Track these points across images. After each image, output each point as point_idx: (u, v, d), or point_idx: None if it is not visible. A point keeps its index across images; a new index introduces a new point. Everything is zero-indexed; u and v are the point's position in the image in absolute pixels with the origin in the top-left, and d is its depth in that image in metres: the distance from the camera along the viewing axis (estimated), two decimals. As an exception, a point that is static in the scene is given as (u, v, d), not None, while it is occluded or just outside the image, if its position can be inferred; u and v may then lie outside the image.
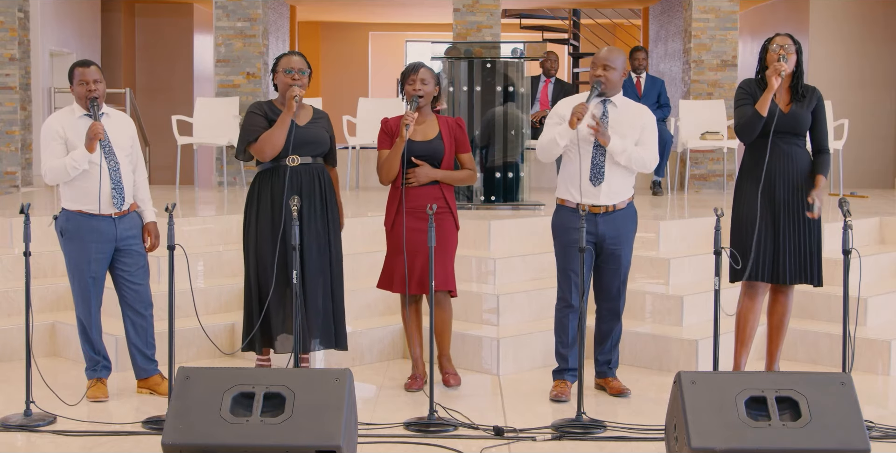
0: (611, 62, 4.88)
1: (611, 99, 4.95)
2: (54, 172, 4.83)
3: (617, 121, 4.92)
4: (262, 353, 5.22)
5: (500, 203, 7.73)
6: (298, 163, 5.05)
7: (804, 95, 4.95)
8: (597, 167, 4.87)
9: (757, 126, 4.87)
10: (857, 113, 11.18)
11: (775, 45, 4.90)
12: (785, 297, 5.10)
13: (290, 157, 5.04)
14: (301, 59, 5.13)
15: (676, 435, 3.81)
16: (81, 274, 4.89)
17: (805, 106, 4.94)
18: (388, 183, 5.17)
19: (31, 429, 4.44)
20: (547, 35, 15.99)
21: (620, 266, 4.99)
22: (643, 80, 9.51)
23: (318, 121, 5.18)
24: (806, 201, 4.91)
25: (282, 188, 5.01)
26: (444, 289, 5.13)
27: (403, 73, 5.18)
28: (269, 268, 5.01)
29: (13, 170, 9.79)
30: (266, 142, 4.99)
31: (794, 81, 4.95)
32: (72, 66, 4.96)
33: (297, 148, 5.04)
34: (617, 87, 4.95)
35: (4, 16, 9.73)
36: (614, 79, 4.90)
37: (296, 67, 5.05)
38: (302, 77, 5.07)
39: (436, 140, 5.13)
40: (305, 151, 5.07)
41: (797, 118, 4.91)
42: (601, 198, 4.90)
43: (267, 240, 5.04)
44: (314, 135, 5.10)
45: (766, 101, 4.84)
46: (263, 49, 10.46)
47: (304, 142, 5.06)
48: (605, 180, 4.87)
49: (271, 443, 3.67)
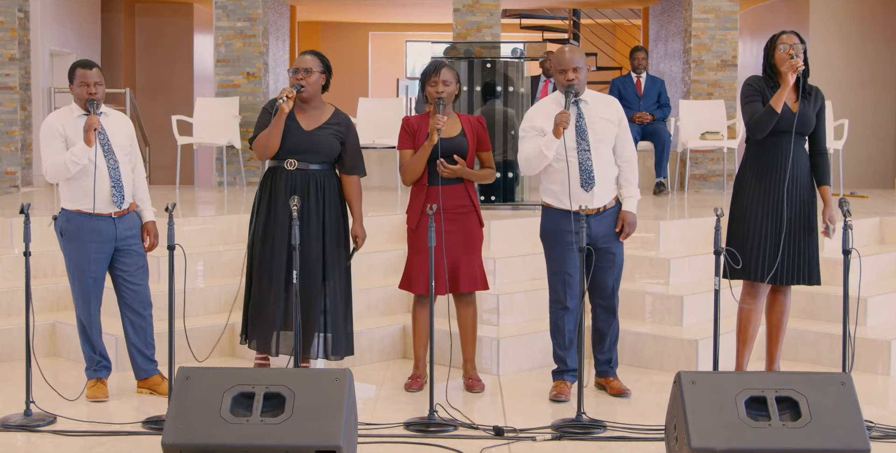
0: (578, 63, 4.82)
1: (581, 97, 4.92)
2: (55, 169, 4.82)
3: (592, 119, 4.88)
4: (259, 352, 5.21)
5: (499, 203, 7.73)
6: (296, 167, 5.00)
7: (810, 94, 4.94)
8: (586, 173, 4.84)
9: (771, 122, 4.84)
10: (857, 113, 11.18)
11: (784, 44, 4.88)
12: (783, 297, 5.10)
13: (288, 161, 5.01)
14: (312, 57, 5.02)
15: (676, 435, 3.81)
16: (81, 274, 4.89)
17: (811, 105, 4.93)
18: (410, 183, 5.14)
19: (31, 429, 4.44)
20: (547, 35, 15.99)
21: (615, 263, 5.00)
22: (643, 80, 9.51)
23: (332, 126, 5.06)
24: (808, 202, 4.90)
25: (277, 190, 5.01)
26: (472, 289, 5.14)
27: (424, 73, 5.13)
28: (256, 265, 5.04)
29: (13, 170, 9.79)
30: (257, 143, 4.97)
31: (800, 80, 4.94)
32: (73, 65, 4.95)
33: (295, 153, 4.98)
34: (584, 85, 4.91)
35: (4, 16, 9.73)
36: (583, 78, 4.86)
37: (301, 67, 4.99)
38: (306, 76, 4.98)
39: (459, 137, 5.12)
40: (305, 157, 4.99)
41: (806, 118, 4.89)
42: (594, 202, 4.88)
43: (259, 239, 5.06)
44: (314, 141, 5.00)
45: (781, 98, 4.80)
46: (263, 49, 10.46)
47: (303, 149, 4.98)
48: (595, 184, 4.86)
49: (271, 443, 3.67)
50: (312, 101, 5.06)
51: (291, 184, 4.99)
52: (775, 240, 4.90)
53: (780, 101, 4.81)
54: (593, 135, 4.87)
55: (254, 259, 5.07)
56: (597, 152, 4.87)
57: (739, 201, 4.99)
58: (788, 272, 4.94)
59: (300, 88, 4.95)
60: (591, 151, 4.84)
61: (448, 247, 5.00)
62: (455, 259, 5.09)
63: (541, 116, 4.89)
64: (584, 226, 4.59)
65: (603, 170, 4.88)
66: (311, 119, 5.05)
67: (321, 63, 5.05)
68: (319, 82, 5.05)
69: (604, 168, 4.89)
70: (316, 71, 5.02)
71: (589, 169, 4.83)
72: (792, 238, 4.91)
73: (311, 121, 5.04)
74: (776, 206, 4.89)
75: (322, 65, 5.06)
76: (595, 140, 4.87)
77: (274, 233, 5.01)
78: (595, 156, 4.85)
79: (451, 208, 5.05)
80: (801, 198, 4.92)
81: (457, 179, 5.11)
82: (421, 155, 5.03)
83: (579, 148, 4.84)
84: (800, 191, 4.92)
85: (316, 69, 5.02)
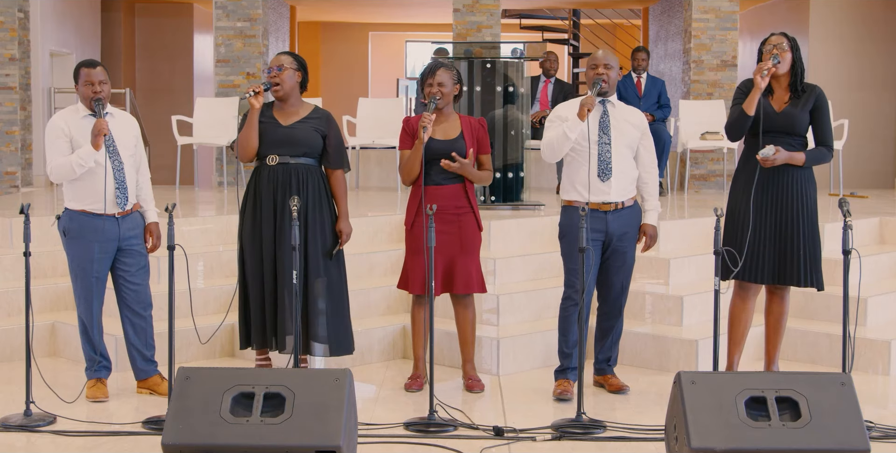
0: (610, 62, 4.97)
1: (609, 99, 4.98)
2: (60, 170, 4.82)
3: (616, 119, 4.98)
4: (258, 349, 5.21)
5: (500, 203, 7.73)
6: (277, 162, 5.02)
7: (803, 93, 4.94)
8: (604, 163, 4.91)
9: (743, 125, 4.89)
10: (857, 113, 11.18)
11: (770, 45, 4.90)
12: (780, 300, 5.09)
13: (270, 157, 5.03)
14: (285, 56, 5.07)
15: (676, 435, 3.81)
16: (85, 274, 4.89)
17: (802, 105, 4.92)
18: (409, 183, 5.15)
19: (31, 429, 4.44)
20: (547, 35, 15.99)
21: (625, 263, 5.03)
22: (644, 81, 9.51)
23: (311, 121, 5.09)
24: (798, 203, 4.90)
25: (261, 187, 5.04)
26: (466, 291, 5.13)
27: (422, 75, 5.16)
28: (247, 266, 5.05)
29: (13, 170, 9.79)
30: (237, 145, 5.03)
31: (792, 79, 4.94)
32: (78, 65, 4.95)
33: (275, 147, 5.01)
34: (614, 88, 5.02)
35: (4, 16, 9.73)
36: (613, 78, 4.97)
37: (273, 65, 5.04)
38: (279, 73, 5.01)
39: (458, 139, 5.12)
40: (284, 151, 5.02)
41: (791, 118, 4.89)
42: (612, 195, 4.92)
43: (247, 237, 5.07)
44: (292, 134, 5.03)
45: (752, 101, 4.84)
46: (263, 49, 10.46)
47: (282, 143, 5.01)
48: (612, 176, 4.89)
49: (271, 444, 3.67)
50: (290, 99, 5.09)
51: (274, 180, 5.01)
52: (760, 240, 4.89)
53: (752, 103, 4.83)
54: (615, 133, 4.95)
55: (244, 259, 5.08)
56: (617, 149, 4.94)
57: (731, 201, 5.03)
58: (775, 273, 4.92)
59: (270, 85, 5.00)
60: (611, 145, 4.91)
61: (442, 248, 4.99)
62: (450, 260, 5.08)
63: (567, 108, 5.01)
64: (583, 226, 4.59)
65: (621, 164, 4.94)
66: (290, 116, 5.09)
67: (295, 61, 5.09)
68: (294, 79, 5.06)
69: (622, 163, 4.95)
70: (289, 68, 5.05)
71: (607, 160, 4.91)
72: (780, 238, 4.90)
73: (289, 117, 5.09)
74: (760, 207, 4.89)
75: (296, 62, 5.09)
76: (616, 137, 4.94)
77: (261, 231, 5.03)
78: (615, 151, 4.93)
79: (447, 209, 5.05)
80: (790, 199, 4.91)
81: (454, 180, 5.11)
82: (413, 153, 5.04)
83: (600, 141, 4.92)
84: (788, 193, 4.90)
85: (289, 66, 5.05)
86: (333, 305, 5.11)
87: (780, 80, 4.96)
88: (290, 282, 4.89)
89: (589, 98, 4.83)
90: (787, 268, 4.92)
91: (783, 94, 4.95)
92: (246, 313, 5.12)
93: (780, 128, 4.88)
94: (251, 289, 5.08)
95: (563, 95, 9.53)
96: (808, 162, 4.90)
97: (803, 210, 4.91)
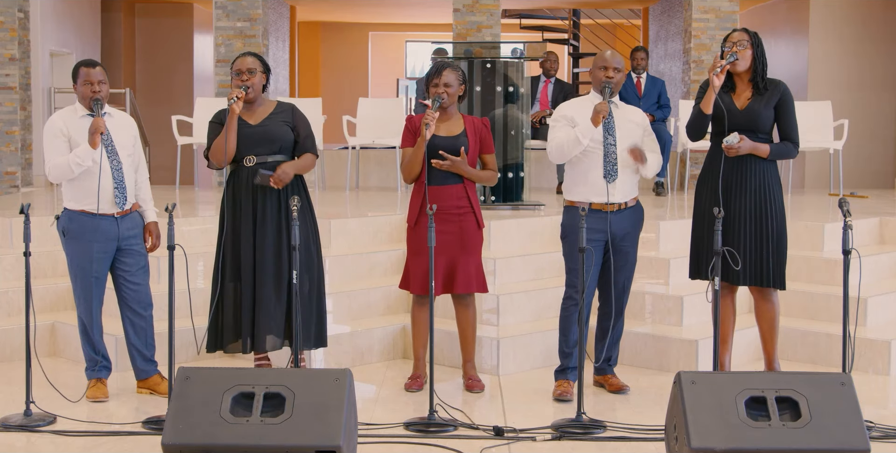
0: (618, 64, 4.98)
1: (612, 100, 5.01)
2: (58, 170, 4.83)
3: (620, 120, 5.00)
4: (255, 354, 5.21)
5: (500, 203, 7.73)
6: (255, 163, 5.03)
7: (766, 89, 4.93)
8: (610, 164, 4.92)
9: (701, 124, 4.91)
10: (857, 113, 11.18)
11: (730, 43, 4.90)
12: (767, 303, 5.06)
13: (247, 158, 5.04)
14: (253, 58, 5.11)
15: (676, 435, 3.81)
16: (85, 274, 4.89)
17: (765, 101, 4.91)
18: (411, 182, 5.15)
19: (31, 429, 4.44)
20: (547, 35, 15.99)
21: (628, 262, 5.05)
22: (643, 81, 9.50)
23: (277, 115, 5.13)
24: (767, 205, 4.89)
25: (239, 189, 5.06)
26: (467, 291, 5.13)
27: (428, 75, 5.16)
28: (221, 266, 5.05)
29: (13, 170, 9.79)
30: (214, 149, 5.03)
31: (753, 76, 4.93)
32: (77, 64, 4.96)
33: (251, 148, 5.03)
34: (619, 89, 5.06)
35: (4, 16, 9.73)
36: (619, 81, 5.00)
37: (243, 68, 5.05)
38: (251, 77, 5.04)
39: (461, 136, 5.11)
40: (261, 150, 5.04)
41: (754, 114, 4.88)
42: (616, 196, 4.94)
43: (229, 240, 5.08)
44: (265, 132, 5.05)
45: (708, 100, 4.85)
46: (263, 49, 10.45)
47: (256, 142, 5.03)
48: (618, 177, 4.91)
49: (271, 443, 3.67)
50: (256, 100, 5.13)
51: (251, 181, 5.02)
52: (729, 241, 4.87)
53: (709, 102, 4.85)
54: (620, 134, 4.96)
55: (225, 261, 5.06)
56: (622, 149, 4.95)
57: (697, 202, 5.08)
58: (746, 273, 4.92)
59: (247, 89, 5.01)
60: (616, 146, 4.93)
61: (443, 248, 4.98)
62: (451, 259, 5.08)
63: (572, 107, 5.04)
64: (583, 226, 4.60)
65: (625, 168, 4.96)
66: (257, 115, 5.12)
67: (262, 63, 5.14)
68: (262, 82, 5.13)
69: (626, 166, 4.96)
70: (258, 71, 5.10)
71: (613, 161, 4.92)
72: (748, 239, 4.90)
73: (257, 117, 5.12)
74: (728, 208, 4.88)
75: (263, 65, 5.15)
76: (621, 137, 4.96)
77: (240, 233, 5.05)
78: (620, 152, 4.94)
79: (447, 208, 5.05)
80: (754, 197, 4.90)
81: (455, 179, 5.11)
82: (415, 151, 5.03)
83: (606, 141, 4.93)
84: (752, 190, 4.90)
85: (258, 69, 5.10)
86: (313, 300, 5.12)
87: (742, 77, 4.95)
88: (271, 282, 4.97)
89: (603, 104, 4.86)
90: (755, 268, 4.93)
91: (747, 90, 4.94)
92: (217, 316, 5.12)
93: (742, 125, 4.87)
94: (227, 290, 5.10)
95: (563, 95, 9.53)
96: (773, 154, 4.90)
97: (772, 210, 4.91)
